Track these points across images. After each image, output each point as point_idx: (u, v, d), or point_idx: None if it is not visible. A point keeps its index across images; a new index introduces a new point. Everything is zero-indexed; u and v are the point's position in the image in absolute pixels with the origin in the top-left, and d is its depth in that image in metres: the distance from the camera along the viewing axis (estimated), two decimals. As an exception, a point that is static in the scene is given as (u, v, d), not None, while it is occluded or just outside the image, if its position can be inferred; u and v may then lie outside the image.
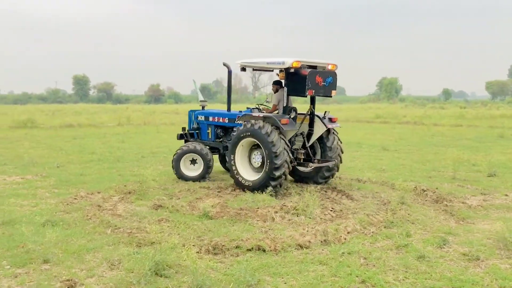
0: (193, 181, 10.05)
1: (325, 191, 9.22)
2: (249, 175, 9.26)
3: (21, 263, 5.13)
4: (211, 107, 12.44)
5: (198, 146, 10.32)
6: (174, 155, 10.34)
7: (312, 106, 9.73)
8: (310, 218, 7.17)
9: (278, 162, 8.63)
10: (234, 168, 9.27)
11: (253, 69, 10.49)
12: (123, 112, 40.53)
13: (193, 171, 10.29)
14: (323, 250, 5.80)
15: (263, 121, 8.91)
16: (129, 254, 5.47)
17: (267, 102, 10.51)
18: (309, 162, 9.47)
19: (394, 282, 4.85)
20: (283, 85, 9.37)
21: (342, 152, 9.96)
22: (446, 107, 51.57)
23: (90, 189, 9.15)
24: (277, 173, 8.68)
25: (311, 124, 9.73)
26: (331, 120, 9.73)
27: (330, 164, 9.54)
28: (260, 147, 9.02)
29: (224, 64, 10.41)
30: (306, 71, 8.88)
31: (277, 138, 8.68)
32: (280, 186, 8.93)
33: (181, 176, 10.25)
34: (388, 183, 10.15)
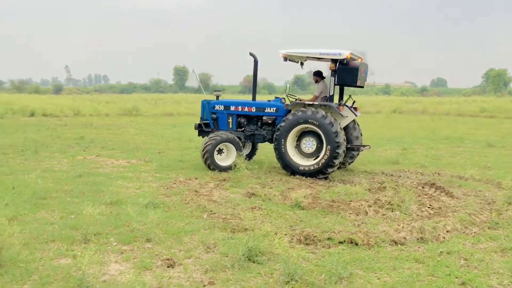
0: (225, 171, 9.89)
1: (423, 187, 8.82)
2: (299, 160, 9.77)
3: (127, 241, 5.53)
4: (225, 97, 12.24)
5: (230, 135, 10.20)
6: (206, 145, 9.93)
7: (341, 95, 10.59)
8: (405, 214, 6.91)
9: (340, 151, 9.31)
10: (284, 152, 9.72)
11: (294, 60, 10.55)
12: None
13: (222, 160, 10.14)
14: (419, 248, 5.57)
15: (324, 110, 9.57)
16: (223, 238, 5.66)
17: (285, 94, 10.85)
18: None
19: (498, 286, 4.53)
20: (332, 75, 9.70)
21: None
22: None
23: (188, 175, 9.59)
24: (336, 161, 9.37)
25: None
26: (355, 109, 10.38)
27: (366, 148, 10.33)
28: (311, 134, 9.76)
29: (251, 54, 10.48)
30: (356, 63, 9.68)
31: (339, 128, 9.39)
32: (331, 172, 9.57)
33: (216, 167, 9.98)
34: (493, 181, 9.45)
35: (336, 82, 9.78)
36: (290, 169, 9.74)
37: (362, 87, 10.31)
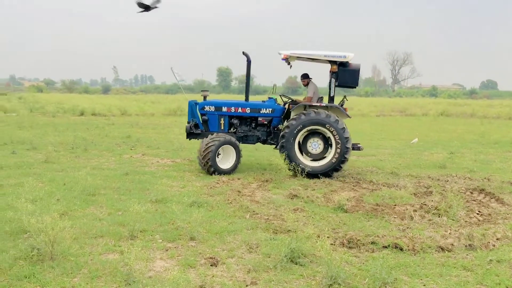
0: (225, 174, 9.58)
1: (471, 193, 8.53)
2: (305, 161, 9.83)
3: (171, 238, 5.64)
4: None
5: (229, 137, 9.79)
6: (207, 148, 9.42)
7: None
8: (453, 220, 6.71)
9: (348, 156, 9.65)
10: (294, 153, 9.70)
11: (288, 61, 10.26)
12: (261, 103, 41.80)
13: (221, 163, 9.71)
14: (467, 255, 5.38)
15: (330, 111, 9.79)
16: (266, 239, 5.68)
17: (278, 94, 10.86)
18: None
19: (552, 299, 4.32)
20: (333, 77, 9.88)
21: None
22: None
23: (231, 175, 9.68)
24: (345, 160, 9.69)
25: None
26: (345, 110, 10.25)
27: (361, 148, 10.48)
28: (317, 135, 9.90)
29: (244, 54, 10.22)
30: (356, 65, 9.94)
31: (346, 128, 9.64)
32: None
33: (216, 170, 9.56)
34: (547, 188, 9.02)
35: (337, 84, 9.95)
36: (298, 170, 9.63)
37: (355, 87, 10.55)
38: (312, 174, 9.65)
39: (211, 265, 4.85)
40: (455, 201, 7.10)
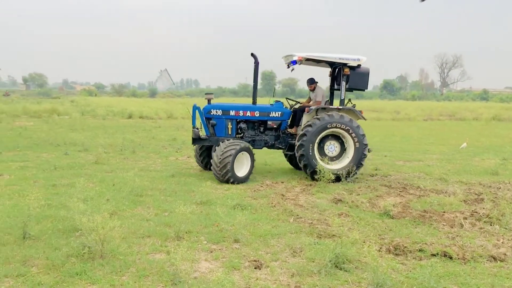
0: (239, 183, 9.05)
1: (526, 201, 8.15)
2: (325, 165, 9.65)
3: (216, 240, 5.70)
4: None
5: (243, 143, 9.31)
6: (225, 155, 8.87)
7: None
8: (506, 228, 6.43)
9: (366, 152, 9.77)
10: (313, 157, 9.53)
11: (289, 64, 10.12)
12: (305, 106, 41.61)
13: (236, 171, 9.13)
14: (521, 266, 5.15)
15: (346, 113, 9.83)
16: (310, 243, 5.64)
17: (275, 96, 10.95)
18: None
19: None
20: (343, 80, 9.87)
21: None
22: None
23: (274, 179, 9.69)
24: (363, 162, 9.86)
25: None
26: (360, 112, 10.24)
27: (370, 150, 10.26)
28: (332, 137, 9.84)
29: (252, 55, 9.99)
30: (366, 68, 10.03)
31: (361, 127, 9.76)
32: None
33: (235, 179, 9.02)
34: None
35: (347, 87, 9.97)
36: (313, 170, 9.50)
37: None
38: (336, 177, 9.49)
39: (255, 268, 4.86)
40: (508, 209, 6.82)
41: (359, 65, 9.93)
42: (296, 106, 10.89)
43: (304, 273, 4.74)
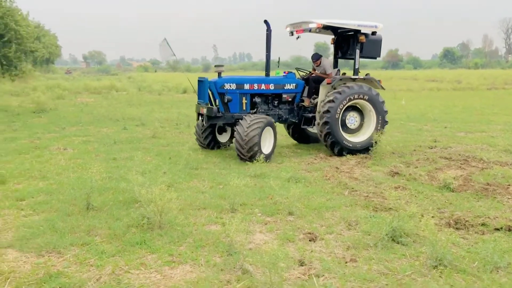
0: (265, 160, 8.34)
1: None
2: (348, 137, 9.28)
3: (270, 213, 5.73)
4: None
5: (268, 117, 8.72)
6: (250, 132, 8.22)
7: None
8: None
9: (387, 119, 9.56)
10: (337, 130, 9.07)
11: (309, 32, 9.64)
12: (360, 78, 40.70)
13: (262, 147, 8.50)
14: None
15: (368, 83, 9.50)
16: (365, 217, 5.55)
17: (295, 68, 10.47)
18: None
19: None
20: (358, 48, 9.46)
21: None
22: None
23: (328, 152, 9.56)
24: (384, 129, 9.57)
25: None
26: (379, 82, 9.90)
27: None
28: (353, 109, 9.41)
29: (265, 22, 9.23)
30: (379, 35, 9.63)
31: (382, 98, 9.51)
32: None
33: (259, 156, 8.18)
34: None
35: (361, 55, 9.59)
36: (341, 147, 9.12)
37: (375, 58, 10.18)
38: (352, 151, 9.22)
39: (309, 240, 4.85)
40: None
41: (374, 33, 9.50)
42: (306, 76, 10.36)
43: (360, 246, 4.67)
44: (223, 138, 9.93)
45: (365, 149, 9.33)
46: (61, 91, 25.47)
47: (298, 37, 9.73)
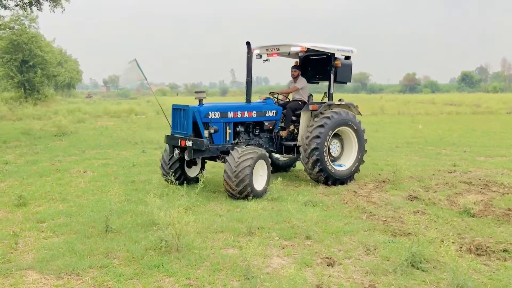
0: (258, 197, 7.58)
1: None
2: (332, 166, 8.79)
3: (287, 236, 5.71)
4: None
5: (260, 150, 7.90)
6: (241, 165, 7.40)
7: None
8: None
9: (364, 152, 9.27)
10: (325, 158, 8.58)
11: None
12: (377, 102, 40.71)
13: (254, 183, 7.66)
14: None
15: (350, 111, 9.22)
16: (384, 241, 5.49)
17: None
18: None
19: None
20: (332, 73, 9.18)
21: None
22: None
23: (346, 175, 9.49)
24: (363, 158, 9.32)
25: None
26: (356, 107, 9.65)
27: None
28: (335, 136, 9.04)
29: (247, 44, 8.53)
30: (349, 62, 9.51)
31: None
32: None
33: (254, 194, 7.52)
34: None
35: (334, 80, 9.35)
36: (328, 175, 8.60)
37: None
38: (335, 181, 8.72)
39: (327, 265, 4.81)
40: None
41: (347, 57, 9.39)
42: (279, 100, 9.70)
43: (379, 272, 4.61)
44: (192, 172, 8.95)
45: (350, 177, 9.01)
46: (81, 114, 25.94)
47: (266, 60, 9.44)
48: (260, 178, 7.84)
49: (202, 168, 9.11)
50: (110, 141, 15.36)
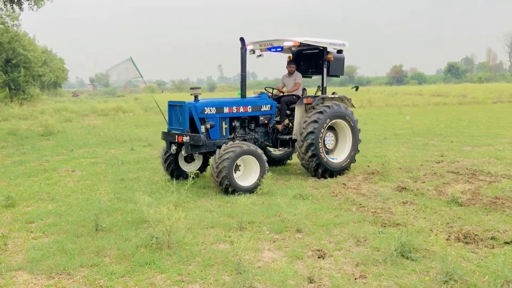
0: (245, 193, 7.50)
1: None
2: (326, 158, 8.87)
3: (278, 230, 5.73)
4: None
5: (250, 145, 7.90)
6: (221, 159, 7.46)
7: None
8: None
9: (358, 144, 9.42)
10: (321, 152, 8.68)
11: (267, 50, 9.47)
12: (365, 94, 40.89)
13: (241, 179, 7.78)
14: None
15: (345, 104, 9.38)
16: (374, 232, 5.54)
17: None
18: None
19: None
20: (325, 66, 9.27)
21: None
22: None
23: (335, 168, 9.54)
24: (356, 153, 9.45)
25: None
26: (349, 100, 9.78)
27: None
28: (329, 129, 9.15)
29: (241, 40, 8.65)
30: (341, 55, 9.58)
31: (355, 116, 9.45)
32: None
33: (235, 188, 7.51)
34: None
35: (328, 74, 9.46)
36: (325, 168, 8.73)
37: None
38: (328, 173, 8.82)
39: (318, 257, 4.84)
40: None
41: (339, 51, 9.46)
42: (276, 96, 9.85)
43: (369, 262, 4.66)
44: (191, 167, 8.99)
45: (345, 169, 9.14)
46: (68, 113, 25.72)
47: (259, 55, 9.53)
48: (253, 174, 7.87)
49: (205, 163, 9.22)
50: (98, 140, 15.25)
